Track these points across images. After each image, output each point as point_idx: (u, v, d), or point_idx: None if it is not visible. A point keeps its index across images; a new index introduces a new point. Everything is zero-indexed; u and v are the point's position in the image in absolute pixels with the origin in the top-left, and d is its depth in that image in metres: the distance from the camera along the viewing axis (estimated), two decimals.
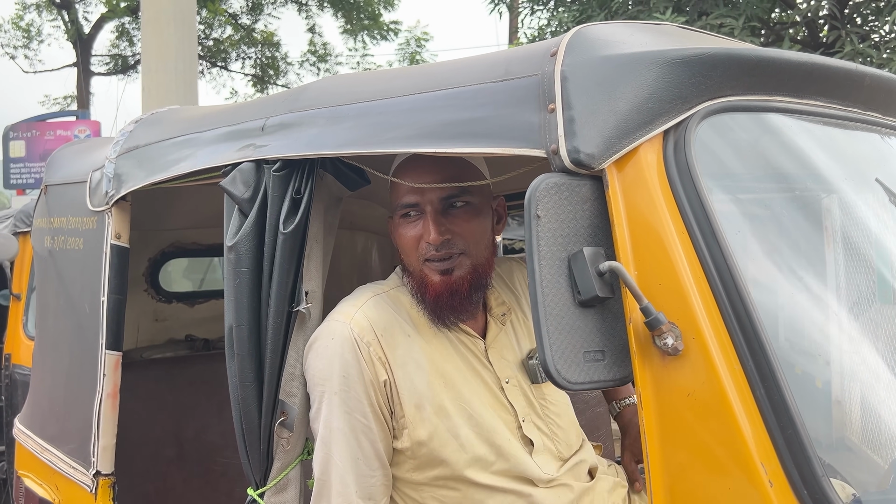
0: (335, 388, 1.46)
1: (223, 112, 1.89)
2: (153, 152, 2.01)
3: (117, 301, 2.10)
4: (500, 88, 1.19)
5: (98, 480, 2.08)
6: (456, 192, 1.49)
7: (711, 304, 1.03)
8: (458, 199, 1.50)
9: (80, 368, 2.20)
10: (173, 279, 4.77)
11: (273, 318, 1.49)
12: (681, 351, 1.01)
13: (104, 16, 16.96)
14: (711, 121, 1.13)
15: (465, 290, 1.51)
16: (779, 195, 1.25)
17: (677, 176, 1.08)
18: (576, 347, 1.03)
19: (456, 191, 1.49)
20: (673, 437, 1.02)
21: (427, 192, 1.49)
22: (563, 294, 1.04)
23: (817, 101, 1.26)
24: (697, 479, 1.00)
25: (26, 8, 17.55)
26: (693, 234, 1.05)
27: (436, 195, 1.49)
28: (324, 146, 1.44)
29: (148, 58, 10.53)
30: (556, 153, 1.08)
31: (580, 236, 1.07)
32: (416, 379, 1.50)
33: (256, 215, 1.52)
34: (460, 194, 1.50)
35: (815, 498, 0.95)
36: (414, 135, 1.29)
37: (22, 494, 2.55)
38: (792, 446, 0.97)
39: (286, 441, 1.54)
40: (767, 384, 0.99)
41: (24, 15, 17.63)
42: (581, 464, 1.66)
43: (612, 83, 1.09)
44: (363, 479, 1.47)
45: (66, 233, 2.35)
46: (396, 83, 1.42)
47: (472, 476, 1.50)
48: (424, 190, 1.49)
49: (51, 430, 2.39)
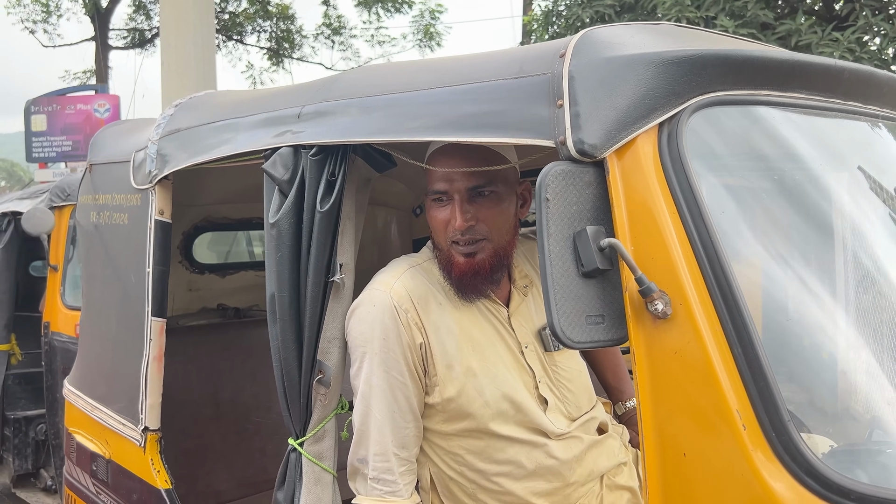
0: (376, 349, 1.64)
1: (260, 99, 2.05)
2: (195, 135, 2.18)
3: (161, 272, 2.29)
4: (515, 85, 1.35)
5: (146, 435, 2.28)
6: (483, 181, 1.64)
7: (697, 275, 1.19)
8: (485, 188, 1.65)
9: (127, 334, 2.40)
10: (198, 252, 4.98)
11: (311, 287, 1.67)
12: (669, 315, 1.18)
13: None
14: (702, 113, 1.28)
15: (487, 270, 1.68)
16: (763, 179, 1.41)
17: (670, 163, 1.24)
18: (579, 312, 1.20)
19: (483, 180, 1.64)
20: (662, 389, 1.19)
21: (456, 180, 1.64)
22: (569, 266, 1.21)
23: (800, 94, 1.41)
24: (683, 424, 1.17)
25: None
26: (682, 214, 1.21)
27: (464, 184, 1.64)
28: (356, 133, 1.61)
29: (167, 32, 10.66)
30: (563, 144, 1.24)
31: (584, 216, 1.23)
32: (447, 342, 1.67)
33: (295, 195, 1.69)
34: (487, 184, 1.64)
35: (781, 439, 1.12)
36: (437, 125, 1.45)
37: (74, 449, 2.77)
38: (763, 396, 1.13)
39: (323, 396, 1.73)
40: (744, 343, 1.15)
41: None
42: (592, 420, 1.83)
43: (614, 81, 1.25)
44: (399, 430, 1.66)
45: (111, 209, 2.54)
46: (421, 77, 1.58)
47: (495, 428, 1.68)
48: (454, 179, 1.64)
49: (100, 390, 2.60)
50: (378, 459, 1.65)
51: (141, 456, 2.32)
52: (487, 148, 1.65)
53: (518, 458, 1.69)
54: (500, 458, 1.69)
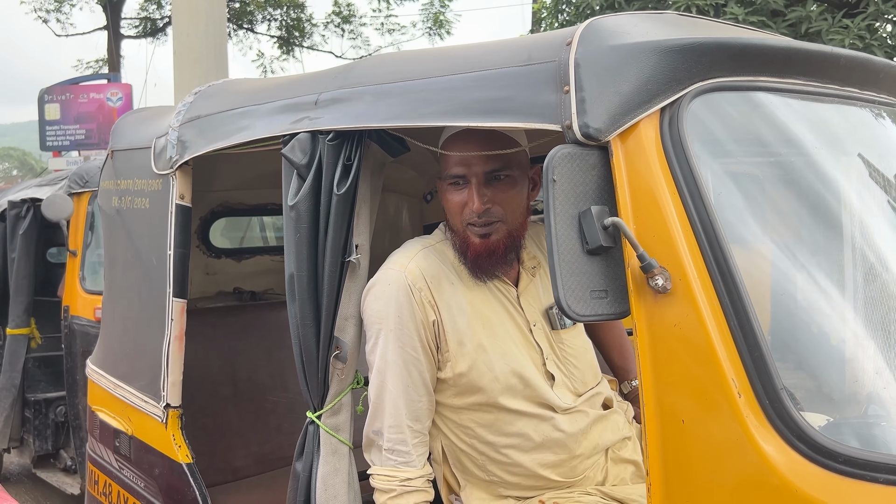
0: (391, 326, 1.72)
1: (278, 86, 2.12)
2: (214, 122, 2.26)
3: (182, 254, 2.37)
4: (524, 72, 1.41)
5: (168, 412, 2.37)
6: (499, 166, 1.71)
7: (696, 252, 1.26)
8: (501, 172, 1.72)
9: (149, 314, 2.48)
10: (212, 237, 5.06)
11: (329, 266, 1.75)
12: (669, 290, 1.24)
13: None
14: (702, 99, 1.35)
15: (501, 251, 1.76)
16: (761, 162, 1.47)
17: (671, 146, 1.30)
18: (583, 287, 1.27)
19: (499, 165, 1.71)
20: (662, 360, 1.26)
21: (473, 165, 1.71)
22: (574, 244, 1.28)
23: (798, 80, 1.47)
24: (681, 393, 1.24)
25: None
26: (682, 195, 1.28)
27: (481, 168, 1.71)
28: (371, 119, 1.68)
29: (178, 21, 10.73)
30: (569, 128, 1.31)
31: (588, 197, 1.30)
32: (459, 320, 1.75)
33: (313, 179, 1.76)
34: (502, 168, 1.71)
35: (774, 406, 1.19)
36: (450, 110, 1.52)
37: (97, 427, 2.86)
38: (758, 365, 1.20)
39: (340, 371, 1.81)
40: (740, 316, 1.22)
41: None
42: (597, 396, 1.91)
43: (618, 68, 1.31)
44: (412, 404, 1.74)
45: (133, 193, 2.62)
46: (433, 64, 1.64)
47: (504, 402, 1.76)
48: (471, 164, 1.71)
49: (122, 368, 2.69)
50: (392, 431, 1.73)
51: (163, 432, 2.41)
52: (501, 133, 1.72)
53: (526, 430, 1.76)
54: (508, 431, 1.77)
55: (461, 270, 1.80)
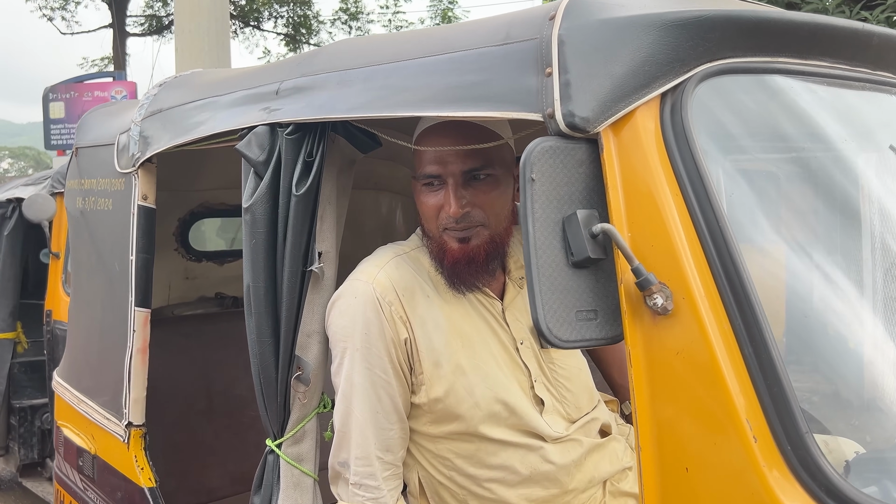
0: (357, 344, 1.51)
1: (242, 76, 1.92)
2: (176, 115, 2.07)
3: (145, 260, 2.18)
4: (501, 52, 1.20)
5: (130, 431, 2.18)
6: (479, 164, 1.50)
7: (703, 265, 1.05)
8: (481, 171, 1.51)
9: (111, 324, 2.29)
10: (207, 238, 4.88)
11: (288, 277, 1.54)
12: (670, 311, 1.04)
13: None
14: (710, 83, 1.14)
15: (482, 258, 1.55)
16: (779, 158, 1.26)
17: (673, 138, 1.09)
18: (568, 307, 1.06)
19: (479, 163, 1.50)
20: (661, 394, 1.05)
21: (450, 163, 1.50)
22: (557, 255, 1.07)
23: (823, 62, 1.26)
24: (684, 435, 1.04)
25: None
26: (687, 197, 1.07)
27: (458, 167, 1.50)
28: (334, 110, 1.47)
29: (181, 18, 10.59)
30: (551, 117, 1.10)
31: (574, 199, 1.09)
32: (435, 338, 1.54)
33: (271, 178, 1.56)
34: (483, 167, 1.50)
35: (798, 454, 0.98)
36: (418, 99, 1.32)
37: (62, 444, 2.68)
38: (777, 404, 0.99)
39: (302, 395, 1.61)
40: (755, 343, 1.01)
41: None
42: (593, 422, 1.70)
43: (609, 46, 1.11)
44: (382, 432, 1.53)
45: (97, 194, 2.43)
46: (403, 47, 1.44)
47: (486, 431, 1.55)
48: (447, 161, 1.50)
49: (86, 382, 2.50)
50: (360, 463, 1.53)
51: (125, 452, 2.22)
52: (483, 127, 1.52)
53: (511, 462, 1.56)
54: (492, 463, 1.57)
55: (438, 281, 1.59)
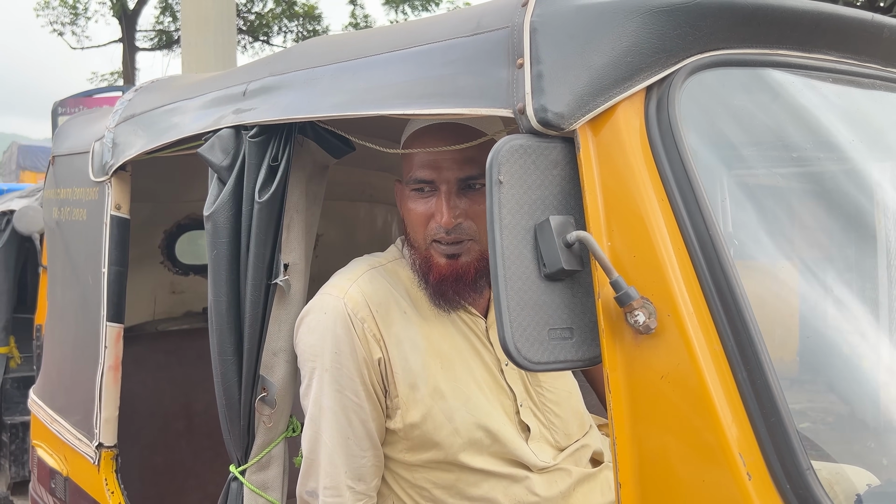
0: (326, 364, 1.40)
1: (214, 78, 1.83)
2: (148, 120, 1.97)
3: (118, 273, 2.07)
4: (471, 43, 1.10)
5: (101, 452, 2.07)
6: (476, 173, 1.39)
7: (691, 279, 0.93)
8: (477, 181, 1.40)
9: (84, 340, 2.19)
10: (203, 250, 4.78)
11: (251, 291, 1.44)
12: (653, 329, 0.92)
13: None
14: (700, 77, 1.02)
15: (471, 276, 1.43)
16: (778, 161, 1.14)
17: (659, 137, 0.98)
18: (540, 324, 0.95)
19: (476, 171, 1.39)
20: (644, 422, 0.93)
21: (445, 169, 1.39)
22: (527, 266, 0.96)
23: (827, 56, 1.14)
24: (670, 470, 0.92)
25: None
26: (674, 202, 0.96)
27: (453, 174, 1.39)
28: (299, 111, 1.37)
29: (187, 31, 10.60)
30: (522, 112, 0.99)
31: (547, 204, 0.98)
32: (412, 358, 1.43)
33: (234, 184, 1.46)
34: (480, 176, 1.39)
35: (798, 493, 0.86)
36: (385, 96, 1.21)
37: (36, 464, 2.57)
38: (774, 435, 0.87)
39: (267, 418, 1.49)
40: (750, 366, 0.89)
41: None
42: (583, 449, 1.57)
43: (587, 34, 1.00)
44: (353, 460, 1.41)
45: (72, 204, 2.34)
46: (373, 41, 1.33)
47: (467, 460, 1.43)
48: (442, 167, 1.39)
49: (59, 401, 2.40)
50: (329, 493, 1.41)
51: (95, 474, 2.11)
52: (480, 133, 1.41)
53: (493, 494, 1.43)
54: (472, 495, 1.44)
55: (417, 297, 1.47)
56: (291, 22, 18.27)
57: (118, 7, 17.05)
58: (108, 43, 17.95)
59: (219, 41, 10.51)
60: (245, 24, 17.54)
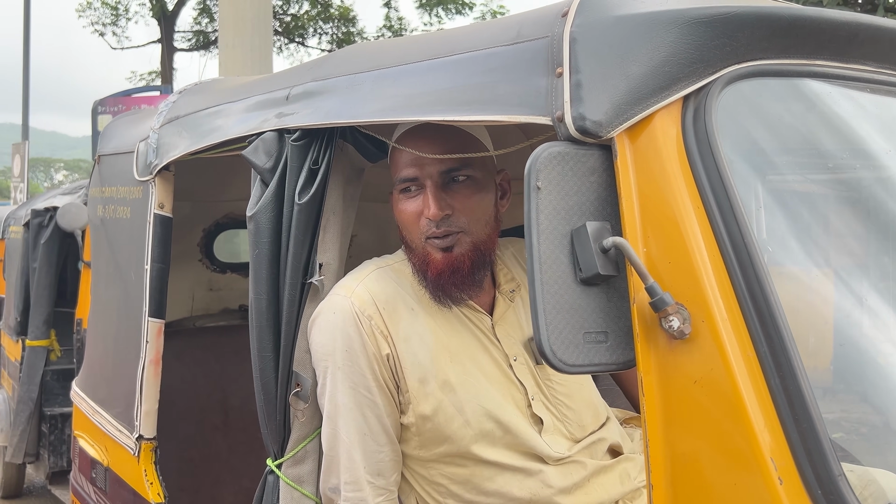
0: (339, 363, 1.44)
1: (257, 82, 1.88)
2: (192, 122, 2.02)
3: (160, 270, 2.13)
4: (511, 52, 1.12)
5: (140, 444, 2.13)
6: (457, 165, 1.43)
7: (726, 286, 0.95)
8: (459, 172, 1.44)
9: (126, 334, 2.25)
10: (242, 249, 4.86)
11: (289, 289, 1.48)
12: (688, 335, 0.94)
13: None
14: (737, 87, 1.04)
15: (467, 267, 1.47)
16: (814, 171, 1.15)
17: (695, 146, 1.00)
18: (575, 328, 0.97)
19: (457, 164, 1.43)
20: (677, 426, 0.95)
21: (427, 165, 1.44)
22: (564, 271, 0.98)
23: (865, 66, 1.15)
24: (701, 473, 0.93)
25: None
26: (709, 209, 0.97)
27: (436, 168, 1.44)
28: (340, 115, 1.41)
29: (225, 33, 10.74)
30: (561, 120, 1.01)
31: (584, 210, 1.00)
32: (420, 353, 1.47)
33: (276, 186, 1.50)
34: (462, 168, 1.44)
35: (830, 499, 0.87)
36: (424, 103, 1.24)
37: (77, 454, 2.65)
38: (806, 441, 0.89)
39: (301, 413, 1.53)
40: (783, 373, 0.91)
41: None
42: (599, 442, 1.59)
43: (626, 45, 1.02)
44: (371, 455, 1.45)
45: (116, 202, 2.41)
46: (414, 48, 1.37)
47: (479, 452, 1.46)
48: (424, 163, 1.44)
49: (101, 393, 2.47)
50: (350, 489, 1.45)
51: (135, 465, 2.17)
52: (462, 131, 1.45)
53: (508, 488, 1.46)
54: (488, 489, 1.47)
55: (423, 295, 1.51)
56: (327, 24, 18.42)
57: (158, 8, 17.34)
58: (147, 43, 18.29)
59: (255, 42, 10.63)
60: (281, 25, 17.72)
